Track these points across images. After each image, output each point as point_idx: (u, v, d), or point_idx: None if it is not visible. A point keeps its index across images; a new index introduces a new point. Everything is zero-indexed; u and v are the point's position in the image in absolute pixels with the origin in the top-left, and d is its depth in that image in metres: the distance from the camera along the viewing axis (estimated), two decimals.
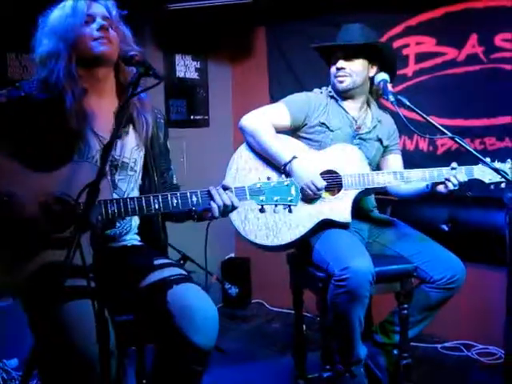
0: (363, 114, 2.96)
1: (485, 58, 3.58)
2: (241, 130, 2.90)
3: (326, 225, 2.76)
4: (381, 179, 2.76)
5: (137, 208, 1.99)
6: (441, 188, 2.68)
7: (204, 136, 4.52)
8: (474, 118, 3.65)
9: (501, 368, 3.23)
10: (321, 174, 2.76)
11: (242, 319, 4.47)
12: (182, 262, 3.71)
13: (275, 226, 2.73)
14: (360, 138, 2.92)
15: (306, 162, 2.72)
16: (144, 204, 2.00)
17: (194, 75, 4.45)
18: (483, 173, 2.66)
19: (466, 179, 2.63)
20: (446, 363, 3.59)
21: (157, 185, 2.29)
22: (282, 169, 2.72)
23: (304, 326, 3.08)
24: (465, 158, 2.64)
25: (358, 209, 2.87)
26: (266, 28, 4.46)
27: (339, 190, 2.77)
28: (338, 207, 2.76)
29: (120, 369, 1.94)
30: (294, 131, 2.95)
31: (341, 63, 2.84)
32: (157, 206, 2.00)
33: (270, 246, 2.74)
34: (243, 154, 2.86)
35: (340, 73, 2.86)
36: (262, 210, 2.11)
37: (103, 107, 2.14)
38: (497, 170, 2.49)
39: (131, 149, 2.20)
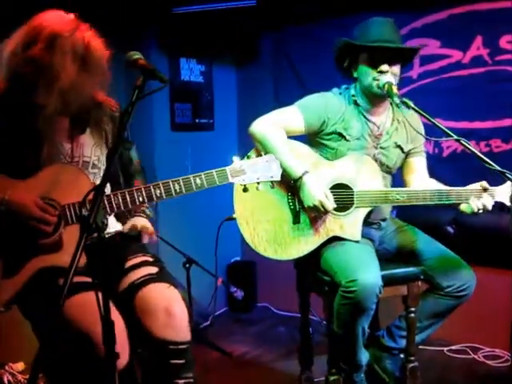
0: (384, 118, 2.82)
1: (490, 60, 3.58)
2: (251, 136, 2.76)
3: (334, 238, 2.73)
4: (395, 197, 2.67)
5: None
6: (464, 209, 2.60)
7: (209, 140, 4.52)
8: (480, 120, 3.65)
9: (507, 371, 3.23)
10: (332, 187, 2.70)
11: (248, 323, 4.47)
12: (187, 265, 3.70)
13: (284, 241, 2.71)
14: (380, 147, 2.81)
15: (316, 180, 2.64)
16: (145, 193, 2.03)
17: (199, 79, 4.45)
18: (504, 195, 2.57)
19: (492, 203, 2.53)
20: (452, 366, 3.58)
21: (120, 178, 2.33)
22: (291, 183, 2.66)
23: (310, 330, 3.07)
24: (470, 160, 2.63)
25: (372, 216, 2.81)
26: (271, 31, 4.46)
27: (350, 206, 2.71)
28: (348, 225, 2.71)
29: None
30: (309, 135, 2.84)
31: (385, 67, 2.64)
32: (158, 193, 2.03)
33: (277, 260, 2.72)
34: None
35: (382, 76, 2.66)
36: (245, 190, 2.12)
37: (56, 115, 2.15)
38: (502, 172, 2.47)
39: (91, 147, 2.21)
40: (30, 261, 1.99)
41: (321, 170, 2.74)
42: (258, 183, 2.11)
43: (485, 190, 2.56)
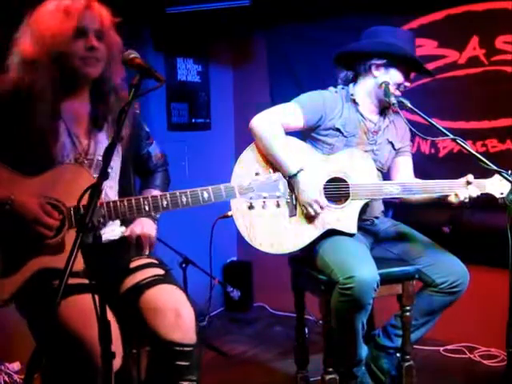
0: (380, 116, 2.89)
1: (486, 60, 3.58)
2: (250, 131, 2.78)
3: (330, 232, 2.74)
4: (389, 190, 2.72)
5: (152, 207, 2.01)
6: (451, 199, 2.66)
7: (206, 139, 4.52)
8: (476, 121, 3.65)
9: (503, 370, 3.23)
10: (328, 181, 2.73)
11: (244, 323, 4.47)
12: (184, 265, 3.70)
13: (280, 235, 2.71)
14: (373, 144, 2.86)
15: (311, 178, 2.68)
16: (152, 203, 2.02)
17: (196, 78, 4.45)
18: (494, 187, 2.64)
19: (478, 194, 2.62)
20: (448, 366, 3.58)
21: (132, 182, 2.32)
22: (286, 178, 2.65)
23: (306, 329, 3.07)
24: (467, 160, 2.63)
25: (365, 214, 2.85)
26: (266, 31, 4.46)
27: (346, 199, 2.73)
28: (344, 217, 2.73)
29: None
30: (306, 131, 2.87)
31: (408, 83, 2.80)
32: (165, 204, 2.02)
33: (274, 254, 2.72)
34: (251, 154, 2.77)
35: (401, 88, 2.79)
36: (250, 207, 2.11)
37: (77, 108, 2.14)
38: (499, 172, 2.48)
39: (104, 146, 2.16)
40: (30, 261, 1.97)
41: (317, 164, 2.77)
42: (264, 202, 2.10)
43: (468, 183, 2.64)
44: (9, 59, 2.06)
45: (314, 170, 2.73)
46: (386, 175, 3.00)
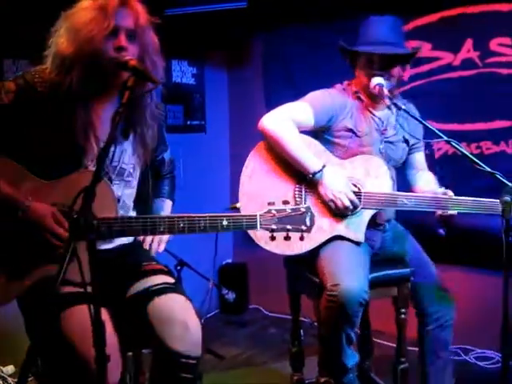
0: (388, 113, 2.82)
1: (480, 62, 3.59)
2: (262, 131, 2.69)
3: (337, 237, 2.69)
4: (403, 202, 2.65)
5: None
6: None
7: (200, 141, 4.52)
8: (470, 123, 3.65)
9: (498, 372, 3.23)
10: None
11: (239, 325, 4.46)
12: (178, 267, 3.70)
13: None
14: (387, 142, 2.80)
15: (337, 172, 2.63)
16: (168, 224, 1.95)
17: (191, 81, 4.46)
18: None
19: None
20: None
21: (149, 190, 2.29)
22: (308, 176, 2.62)
23: (301, 331, 3.07)
24: (461, 162, 2.63)
25: (379, 219, 2.80)
26: (263, 33, 4.46)
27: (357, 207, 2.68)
28: (354, 225, 2.68)
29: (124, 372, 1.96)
30: (316, 133, 2.79)
31: (379, 71, 2.67)
32: (181, 226, 1.95)
33: (279, 254, 2.66)
34: (261, 154, 2.70)
35: (375, 78, 2.66)
36: (272, 238, 2.00)
37: (105, 112, 2.09)
38: (493, 174, 2.47)
39: (129, 154, 2.16)
40: (38, 268, 1.94)
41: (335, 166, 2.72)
42: (287, 234, 2.00)
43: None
44: (46, 51, 2.03)
45: (337, 169, 2.67)
46: (400, 170, 2.95)
